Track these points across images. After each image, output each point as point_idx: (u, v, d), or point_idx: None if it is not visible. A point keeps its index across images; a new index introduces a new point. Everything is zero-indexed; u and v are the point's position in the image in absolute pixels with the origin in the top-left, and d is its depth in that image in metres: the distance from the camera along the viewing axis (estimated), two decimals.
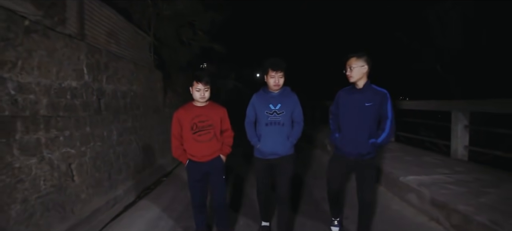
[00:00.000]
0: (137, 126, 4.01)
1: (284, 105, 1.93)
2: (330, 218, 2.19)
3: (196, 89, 1.84)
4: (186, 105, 1.94)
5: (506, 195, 2.03)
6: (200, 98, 1.85)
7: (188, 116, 1.87)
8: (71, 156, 2.47)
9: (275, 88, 1.92)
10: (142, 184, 3.56)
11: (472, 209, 1.81)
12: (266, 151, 1.94)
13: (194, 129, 1.87)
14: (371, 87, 1.83)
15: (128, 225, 2.49)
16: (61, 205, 2.25)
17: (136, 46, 4.52)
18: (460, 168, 2.85)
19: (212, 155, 1.92)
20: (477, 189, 2.18)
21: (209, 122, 1.89)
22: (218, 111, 1.95)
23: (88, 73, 2.93)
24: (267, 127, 1.92)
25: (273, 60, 1.91)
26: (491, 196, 2.02)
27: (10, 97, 1.97)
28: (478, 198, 1.99)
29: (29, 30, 2.14)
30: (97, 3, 3.33)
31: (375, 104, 1.78)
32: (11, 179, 1.85)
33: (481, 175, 2.55)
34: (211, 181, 1.97)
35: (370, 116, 1.80)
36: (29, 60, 2.15)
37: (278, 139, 1.91)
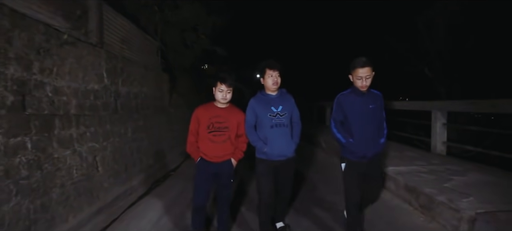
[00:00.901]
0: (148, 124, 4.36)
1: (285, 107, 1.93)
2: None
3: (219, 90, 1.85)
4: (206, 104, 1.96)
5: (466, 181, 2.39)
6: (222, 99, 1.87)
7: (207, 115, 1.89)
8: (95, 149, 2.82)
9: (274, 87, 1.90)
10: (152, 177, 3.91)
11: (436, 191, 2.17)
12: (274, 153, 1.90)
13: (210, 128, 1.87)
14: (370, 90, 1.87)
15: (144, 211, 2.83)
16: (89, 191, 2.59)
17: (146, 51, 4.87)
18: (436, 161, 3.21)
19: (224, 157, 1.91)
20: (445, 176, 2.54)
21: (226, 124, 1.89)
22: (236, 115, 1.95)
23: (107, 77, 3.27)
24: (273, 129, 1.89)
25: (269, 60, 1.93)
26: (454, 182, 2.38)
27: (49, 98, 2.31)
28: (443, 183, 2.35)
29: (63, 41, 2.49)
30: (113, 14, 3.68)
31: (377, 106, 1.85)
32: (52, 167, 2.20)
33: (451, 166, 2.91)
34: (218, 182, 1.96)
35: (376, 117, 1.85)
36: (62, 67, 2.50)
37: (285, 140, 1.91)
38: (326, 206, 2.71)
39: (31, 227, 1.93)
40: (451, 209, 1.90)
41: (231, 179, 1.98)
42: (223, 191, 1.98)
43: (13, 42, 2.00)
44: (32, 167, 2.01)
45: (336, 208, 2.54)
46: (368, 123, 1.83)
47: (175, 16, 5.83)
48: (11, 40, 1.98)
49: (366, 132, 1.83)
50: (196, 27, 6.83)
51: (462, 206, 1.87)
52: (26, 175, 1.95)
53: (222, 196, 1.99)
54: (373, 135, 1.85)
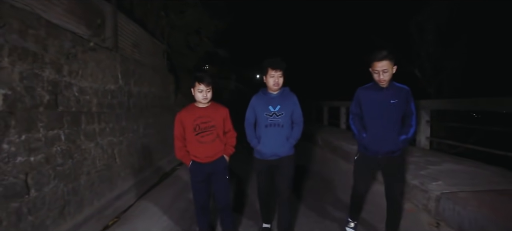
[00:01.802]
0: (156, 122, 4.67)
1: (284, 107, 1.89)
2: (346, 219, 2.09)
3: (198, 91, 1.79)
4: (188, 107, 1.90)
5: (440, 169, 2.72)
6: (203, 100, 1.81)
7: (191, 117, 1.83)
8: (114, 143, 3.14)
9: (275, 88, 1.87)
10: (162, 170, 4.23)
11: (411, 177, 2.49)
12: (266, 152, 1.90)
13: (196, 130, 1.82)
14: (394, 84, 1.76)
15: (157, 198, 3.15)
16: (109, 179, 2.91)
17: (153, 54, 5.18)
18: (418, 154, 3.53)
19: (215, 156, 1.88)
20: (422, 166, 2.86)
21: (211, 122, 1.85)
22: (220, 112, 1.91)
23: (121, 78, 3.59)
24: (267, 128, 1.89)
25: (272, 59, 1.86)
26: (429, 170, 2.70)
27: (76, 97, 2.62)
28: (419, 171, 2.67)
29: (88, 47, 2.80)
30: (126, 20, 3.99)
31: (400, 101, 1.73)
32: (80, 156, 2.51)
33: (430, 158, 3.24)
34: (214, 181, 1.92)
35: (396, 113, 1.74)
36: (85, 70, 2.81)
37: (278, 140, 1.88)
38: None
39: (65, 207, 2.25)
40: (422, 191, 2.23)
41: (226, 175, 1.93)
42: (221, 190, 1.93)
43: (48, 48, 2.31)
44: (65, 156, 2.32)
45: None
46: (384, 118, 1.74)
47: (180, 21, 6.14)
48: (47, 47, 2.29)
49: (382, 128, 1.75)
50: (199, 30, 7.15)
51: (431, 188, 2.19)
52: (61, 163, 2.27)
53: (221, 196, 1.94)
54: (390, 131, 1.74)
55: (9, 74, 1.90)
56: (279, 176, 1.96)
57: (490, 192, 2.05)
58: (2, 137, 1.79)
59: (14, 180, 1.82)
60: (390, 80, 1.73)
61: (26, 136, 1.96)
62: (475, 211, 1.79)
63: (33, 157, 2.00)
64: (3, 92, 1.84)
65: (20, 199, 1.85)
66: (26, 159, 1.94)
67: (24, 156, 1.93)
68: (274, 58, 1.87)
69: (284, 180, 1.95)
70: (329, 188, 3.25)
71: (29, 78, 2.06)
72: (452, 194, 2.04)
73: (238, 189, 3.29)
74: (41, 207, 2.01)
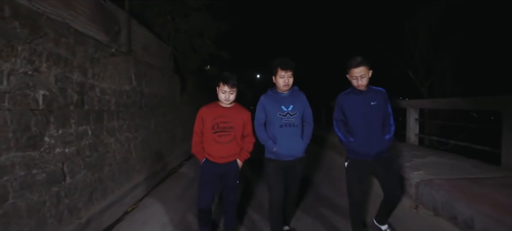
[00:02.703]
0: (165, 120, 4.97)
1: (296, 106, 1.85)
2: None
3: (222, 91, 1.79)
4: (211, 104, 1.91)
5: (423, 162, 3.02)
6: (225, 100, 1.81)
7: (211, 115, 1.83)
8: (130, 138, 3.43)
9: (285, 88, 1.82)
10: (170, 164, 4.53)
11: (397, 168, 2.79)
12: (283, 153, 1.83)
13: (215, 129, 1.81)
14: (371, 88, 1.83)
15: (169, 188, 3.46)
16: (126, 171, 3.21)
17: (161, 56, 5.47)
18: (407, 149, 3.83)
19: (229, 158, 1.84)
20: (408, 159, 3.15)
21: (231, 123, 1.83)
22: (242, 115, 1.88)
23: (135, 79, 3.88)
24: (282, 128, 1.83)
25: (283, 59, 1.82)
26: (414, 162, 3.00)
27: (98, 97, 2.92)
28: (405, 163, 2.97)
29: (110, 53, 3.09)
30: (137, 26, 4.28)
31: (379, 102, 1.79)
32: (103, 150, 2.81)
33: (417, 152, 3.54)
34: (224, 184, 1.89)
35: (378, 114, 1.79)
36: (105, 72, 3.10)
37: (294, 141, 1.84)
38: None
39: (93, 193, 2.55)
40: (404, 179, 2.53)
41: (237, 180, 1.90)
42: (229, 193, 1.91)
43: (76, 54, 2.60)
44: (92, 149, 2.62)
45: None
46: (369, 120, 1.78)
47: (185, 24, 6.42)
48: (75, 53, 2.58)
49: (367, 130, 1.78)
50: (202, 33, 7.44)
51: (412, 177, 2.49)
52: (89, 155, 2.56)
53: (228, 198, 1.92)
54: (376, 133, 1.79)
55: (46, 78, 2.20)
56: (292, 177, 1.90)
57: (462, 180, 2.35)
58: (44, 131, 2.08)
59: (54, 167, 2.12)
60: (367, 85, 1.80)
61: (62, 131, 2.26)
62: (447, 195, 2.09)
63: (67, 148, 2.29)
64: (42, 93, 2.14)
65: (59, 184, 2.15)
66: (62, 150, 2.24)
67: (61, 148, 2.22)
68: (284, 58, 1.84)
69: (295, 181, 1.91)
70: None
71: (62, 81, 2.36)
72: (429, 181, 2.34)
73: (245, 190, 3.16)
74: (74, 192, 2.30)
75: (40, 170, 1.99)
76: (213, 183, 1.88)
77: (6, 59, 1.84)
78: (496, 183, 2.27)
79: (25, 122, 1.93)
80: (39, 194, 1.95)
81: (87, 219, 2.29)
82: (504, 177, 2.46)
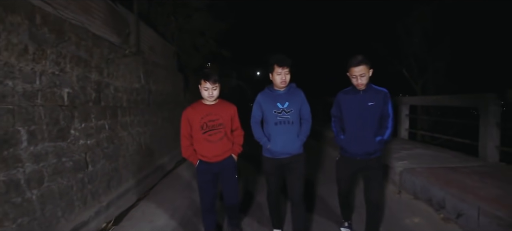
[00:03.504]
0: (170, 116, 5.23)
1: (292, 103, 1.83)
2: (341, 220, 2.14)
3: (204, 88, 1.74)
4: (194, 104, 1.84)
5: (409, 153, 3.29)
6: (209, 97, 1.76)
7: (198, 115, 1.77)
8: (140, 133, 3.70)
9: (282, 85, 1.81)
10: (176, 158, 4.80)
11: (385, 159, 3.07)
12: (277, 150, 1.82)
13: (204, 129, 1.75)
14: (372, 87, 1.81)
15: (177, 178, 3.75)
16: (138, 163, 3.48)
17: (166, 55, 5.71)
18: (397, 142, 4.11)
19: (224, 155, 1.81)
20: (396, 151, 3.43)
21: (219, 120, 1.78)
22: (228, 110, 1.85)
23: (143, 78, 4.13)
24: (277, 126, 1.82)
25: (279, 56, 1.80)
26: (401, 154, 3.28)
27: (112, 95, 3.18)
28: (393, 155, 3.25)
29: (124, 54, 3.34)
30: (145, 27, 4.52)
31: (377, 103, 1.76)
32: (118, 142, 3.08)
33: (405, 145, 3.82)
34: (223, 181, 1.85)
35: (373, 115, 1.77)
36: (118, 72, 3.35)
37: (289, 138, 1.82)
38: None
39: (110, 181, 2.82)
40: (390, 167, 2.81)
41: (235, 174, 1.87)
42: (229, 190, 1.87)
43: (93, 55, 2.85)
44: (108, 141, 2.89)
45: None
46: (361, 120, 1.78)
47: (187, 24, 6.65)
48: (93, 54, 2.83)
49: (359, 129, 1.79)
50: (204, 32, 7.66)
51: (397, 166, 2.77)
52: (106, 146, 2.83)
53: (229, 196, 1.87)
54: (367, 133, 1.78)
55: (70, 77, 2.45)
56: (291, 176, 1.86)
57: (441, 168, 2.63)
58: (70, 124, 2.35)
59: (78, 157, 2.39)
60: (368, 84, 1.78)
61: (84, 124, 2.52)
62: (424, 180, 2.37)
63: (89, 140, 2.56)
64: (67, 91, 2.40)
65: (83, 172, 2.42)
66: (85, 142, 2.50)
67: (84, 140, 2.49)
68: (280, 54, 1.82)
69: (296, 180, 1.85)
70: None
71: (82, 80, 2.61)
72: (411, 169, 2.62)
73: (245, 190, 3.11)
74: (95, 179, 2.58)
75: (68, 158, 2.26)
76: (212, 182, 1.83)
77: (38, 61, 2.09)
78: (469, 171, 2.55)
79: (55, 116, 2.19)
80: (67, 179, 2.22)
81: (107, 203, 2.56)
82: (478, 166, 2.74)
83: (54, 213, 2.03)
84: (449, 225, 2.01)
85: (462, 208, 1.94)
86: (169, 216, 2.54)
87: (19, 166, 1.82)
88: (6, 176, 1.71)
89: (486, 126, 2.93)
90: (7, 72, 1.82)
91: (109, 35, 3.28)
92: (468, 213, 1.89)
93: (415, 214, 2.22)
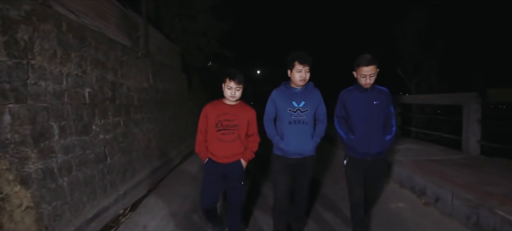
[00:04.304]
0: (176, 113, 5.49)
1: (308, 103, 1.76)
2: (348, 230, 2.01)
3: (228, 87, 1.72)
4: (215, 101, 1.84)
5: (399, 148, 3.56)
6: (231, 97, 1.74)
7: (215, 112, 1.76)
8: (150, 129, 3.96)
9: (301, 83, 1.73)
10: (182, 153, 5.06)
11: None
12: (290, 150, 1.76)
13: (218, 126, 1.74)
14: (375, 86, 1.78)
15: (185, 171, 4.00)
16: (149, 156, 3.74)
17: (171, 55, 5.95)
18: None
19: (233, 158, 1.76)
20: None
21: (235, 121, 1.75)
22: (246, 113, 1.80)
23: (152, 78, 4.38)
24: (291, 125, 1.75)
25: (301, 53, 1.72)
26: (392, 148, 3.55)
27: (125, 94, 3.43)
28: None
29: (132, 55, 3.59)
30: (152, 29, 4.75)
31: (382, 102, 1.75)
32: (132, 138, 3.33)
33: (396, 141, 4.08)
34: (228, 185, 1.80)
35: (380, 114, 1.75)
36: (130, 72, 3.60)
37: (303, 138, 1.75)
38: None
39: (126, 173, 3.08)
40: None
41: (241, 181, 1.81)
42: (233, 195, 1.81)
43: (109, 58, 3.09)
44: (123, 137, 3.14)
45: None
46: (370, 119, 1.75)
47: (191, 25, 6.88)
48: (109, 57, 3.08)
49: (368, 128, 1.75)
50: (207, 33, 7.89)
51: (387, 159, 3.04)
52: (122, 141, 3.09)
53: (233, 200, 1.81)
54: (377, 132, 1.75)
55: (90, 78, 2.70)
56: (300, 177, 1.81)
57: (425, 160, 2.89)
58: (92, 120, 2.60)
59: (99, 150, 2.65)
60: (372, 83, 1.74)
61: (103, 121, 2.78)
62: (409, 170, 2.64)
63: (107, 135, 2.81)
64: (88, 90, 2.65)
65: (103, 163, 2.68)
66: (104, 136, 2.76)
67: (103, 135, 2.74)
68: (301, 51, 1.74)
69: (304, 182, 1.81)
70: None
71: (100, 80, 2.86)
72: (398, 161, 2.88)
73: (251, 188, 3.05)
74: (113, 170, 2.84)
75: (91, 151, 2.52)
76: (217, 183, 1.80)
77: (65, 64, 2.34)
78: (451, 162, 2.82)
79: (80, 113, 2.45)
80: (90, 169, 2.48)
81: (123, 192, 2.82)
82: (460, 158, 3.01)
83: (80, 199, 2.29)
84: (428, 208, 2.27)
85: (439, 193, 2.20)
86: (180, 203, 2.80)
87: (53, 156, 2.07)
88: (43, 165, 1.97)
89: (468, 122, 3.19)
90: (41, 74, 2.07)
91: (122, 39, 3.52)
92: (444, 197, 2.15)
93: (400, 200, 2.48)
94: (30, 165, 1.89)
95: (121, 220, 2.48)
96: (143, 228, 2.29)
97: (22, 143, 1.88)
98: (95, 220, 2.29)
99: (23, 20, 1.95)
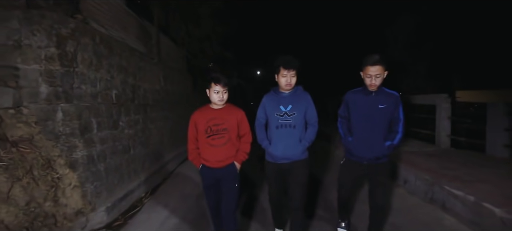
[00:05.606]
0: (183, 113, 5.96)
1: (296, 107, 1.75)
2: (338, 220, 2.08)
3: (215, 91, 1.70)
4: (202, 108, 1.82)
5: None
6: (219, 101, 1.72)
7: (204, 119, 1.75)
8: (162, 126, 4.43)
9: (287, 88, 1.74)
10: None
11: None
12: (277, 155, 1.76)
13: (208, 132, 1.73)
14: (383, 90, 1.71)
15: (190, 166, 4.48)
16: (161, 151, 4.22)
17: (178, 59, 6.42)
18: None
19: (226, 161, 1.76)
20: None
21: (224, 125, 1.74)
22: (235, 115, 1.78)
23: (162, 80, 4.85)
24: (278, 129, 1.76)
25: (285, 58, 1.73)
26: None
27: (142, 95, 3.90)
28: None
29: (148, 62, 4.06)
30: (162, 36, 5.23)
31: (388, 106, 1.68)
32: (148, 133, 3.81)
33: None
34: (222, 188, 1.79)
35: (383, 118, 1.68)
36: (145, 76, 4.07)
37: (289, 143, 1.74)
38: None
39: (144, 163, 3.55)
40: None
41: (236, 183, 1.79)
42: (228, 198, 1.77)
43: (130, 64, 3.57)
44: (142, 132, 3.61)
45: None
46: (371, 123, 1.69)
47: (196, 30, 7.35)
48: (130, 63, 3.55)
49: (368, 132, 1.70)
50: (210, 37, 8.36)
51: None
52: (141, 136, 3.56)
53: (227, 204, 1.77)
54: (376, 137, 1.69)
55: (116, 82, 3.17)
56: (291, 183, 1.79)
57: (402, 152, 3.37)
58: (119, 117, 3.08)
59: (125, 142, 3.12)
60: (380, 86, 1.68)
61: (127, 118, 3.25)
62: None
63: (130, 130, 3.29)
64: (115, 92, 3.12)
65: (128, 154, 3.15)
66: (128, 131, 3.23)
67: (127, 130, 3.22)
68: (287, 56, 1.74)
69: (296, 188, 1.77)
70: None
71: (123, 84, 3.33)
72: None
73: (249, 192, 3.05)
74: (135, 160, 3.31)
75: (119, 143, 2.99)
76: (215, 186, 1.81)
77: (98, 70, 2.82)
78: (423, 153, 3.30)
79: (110, 111, 2.92)
80: (119, 158, 2.96)
81: (144, 179, 3.30)
82: (432, 150, 3.50)
83: (113, 181, 2.77)
84: (399, 189, 2.75)
85: (406, 176, 2.68)
86: (192, 187, 3.28)
87: (93, 146, 2.55)
88: (87, 152, 2.45)
89: (440, 119, 3.67)
90: (82, 79, 2.55)
91: (139, 46, 4.00)
92: (409, 180, 2.63)
93: None
94: (77, 152, 2.37)
95: (144, 201, 2.96)
96: (165, 206, 2.76)
97: (71, 134, 2.35)
98: (124, 200, 2.76)
99: (70, 36, 2.42)
